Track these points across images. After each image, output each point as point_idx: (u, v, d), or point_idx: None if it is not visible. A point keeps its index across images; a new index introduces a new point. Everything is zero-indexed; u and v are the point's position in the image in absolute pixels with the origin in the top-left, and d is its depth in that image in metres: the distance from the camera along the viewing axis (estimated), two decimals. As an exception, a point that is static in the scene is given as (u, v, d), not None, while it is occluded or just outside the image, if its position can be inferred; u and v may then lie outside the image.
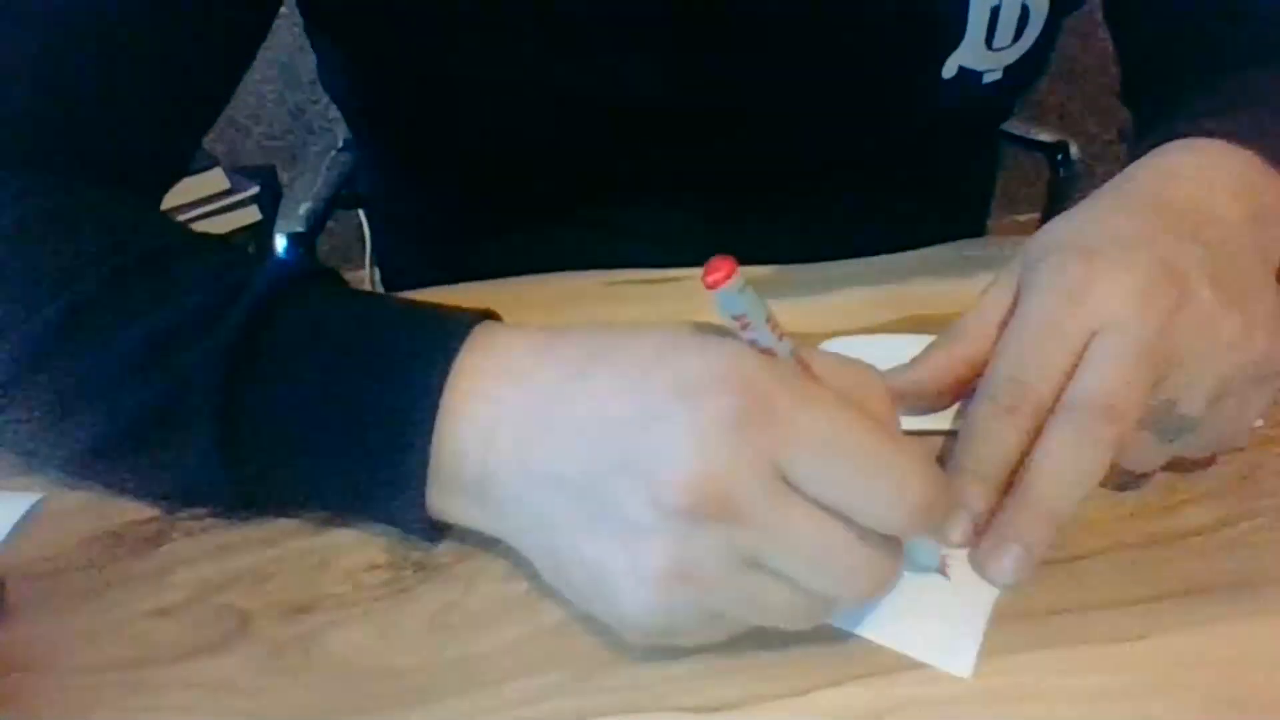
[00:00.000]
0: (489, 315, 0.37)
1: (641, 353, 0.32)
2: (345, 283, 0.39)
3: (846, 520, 0.29)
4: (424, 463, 0.34)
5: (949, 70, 0.54)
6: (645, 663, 0.33)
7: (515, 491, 0.33)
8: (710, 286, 0.28)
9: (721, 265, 0.28)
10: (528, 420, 0.33)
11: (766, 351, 0.30)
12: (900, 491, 0.29)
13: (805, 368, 0.31)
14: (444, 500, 0.35)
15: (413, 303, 0.37)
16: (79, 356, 0.36)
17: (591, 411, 0.31)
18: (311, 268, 0.39)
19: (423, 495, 0.34)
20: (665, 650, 0.33)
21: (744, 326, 0.30)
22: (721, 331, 0.31)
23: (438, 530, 0.36)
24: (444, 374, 0.34)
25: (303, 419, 0.35)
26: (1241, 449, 0.41)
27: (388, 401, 0.34)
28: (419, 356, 0.34)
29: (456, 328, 0.35)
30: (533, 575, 0.35)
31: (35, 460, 0.40)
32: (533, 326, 0.36)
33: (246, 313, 0.35)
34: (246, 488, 0.36)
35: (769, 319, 0.30)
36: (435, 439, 0.33)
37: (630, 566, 0.30)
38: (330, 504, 0.38)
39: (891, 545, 0.30)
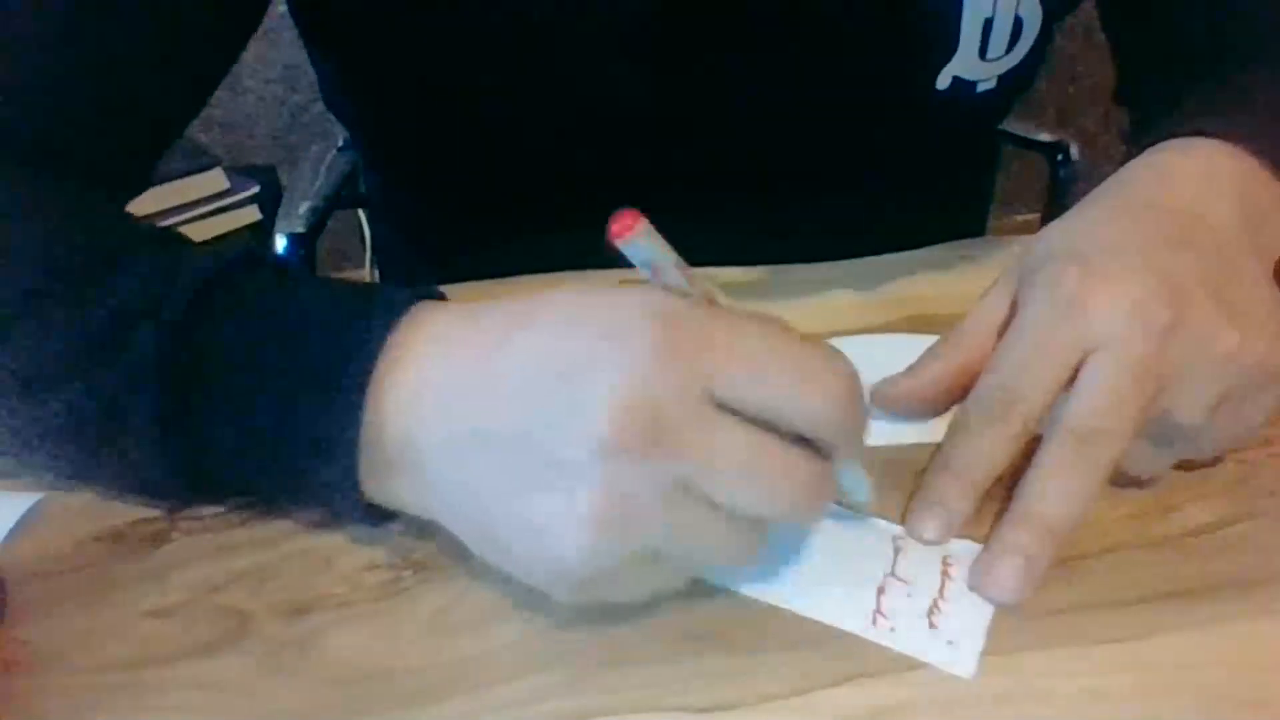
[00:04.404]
0: (432, 295, 0.36)
1: (562, 309, 0.32)
2: (286, 269, 0.39)
3: (776, 434, 0.31)
4: (354, 437, 0.33)
5: (943, 82, 0.54)
6: (645, 663, 0.33)
7: (440, 458, 0.33)
8: (615, 236, 0.30)
9: (625, 216, 0.30)
10: (451, 386, 0.33)
11: (680, 293, 0.32)
12: (826, 387, 0.31)
13: (713, 304, 0.33)
14: (375, 477, 0.34)
15: (353, 284, 0.37)
16: (20, 349, 0.36)
17: (518, 369, 0.32)
18: (251, 254, 0.38)
19: (355, 472, 0.34)
20: (665, 651, 0.33)
21: (656, 273, 0.32)
22: (636, 285, 0.32)
23: (376, 513, 0.36)
24: (375, 351, 0.34)
25: (241, 404, 0.35)
26: (1246, 448, 0.41)
27: (321, 381, 0.34)
28: (353, 336, 0.34)
29: (392, 307, 0.35)
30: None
31: None
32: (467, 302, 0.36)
33: (184, 302, 0.35)
34: (191, 475, 0.36)
35: (678, 264, 0.32)
36: (366, 413, 0.33)
37: (566, 510, 0.30)
38: (270, 484, 0.37)
39: (821, 463, 0.32)
